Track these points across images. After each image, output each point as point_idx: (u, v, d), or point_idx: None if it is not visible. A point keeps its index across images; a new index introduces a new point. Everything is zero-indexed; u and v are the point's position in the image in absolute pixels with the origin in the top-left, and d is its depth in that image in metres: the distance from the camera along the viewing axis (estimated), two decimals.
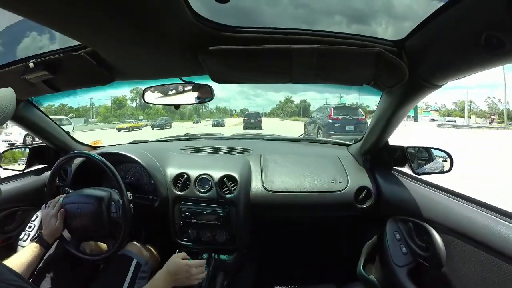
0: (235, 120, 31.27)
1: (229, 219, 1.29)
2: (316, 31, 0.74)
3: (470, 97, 57.60)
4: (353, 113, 9.81)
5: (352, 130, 9.22)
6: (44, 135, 1.44)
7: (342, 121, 9.44)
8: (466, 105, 37.41)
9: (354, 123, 9.37)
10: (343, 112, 9.73)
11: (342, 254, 1.64)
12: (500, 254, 0.76)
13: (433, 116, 42.31)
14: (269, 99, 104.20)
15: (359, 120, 9.47)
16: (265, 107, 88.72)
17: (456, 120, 40.26)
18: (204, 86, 1.05)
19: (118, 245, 1.08)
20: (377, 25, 0.93)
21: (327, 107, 10.64)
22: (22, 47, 0.93)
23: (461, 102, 52.39)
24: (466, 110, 36.89)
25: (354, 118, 9.55)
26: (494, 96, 50.07)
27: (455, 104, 55.12)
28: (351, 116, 9.58)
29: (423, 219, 1.05)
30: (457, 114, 47.72)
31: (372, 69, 0.78)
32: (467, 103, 51.18)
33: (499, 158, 8.26)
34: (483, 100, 58.35)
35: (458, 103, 53.91)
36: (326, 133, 9.22)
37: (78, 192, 1.15)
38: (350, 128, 9.28)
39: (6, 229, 1.32)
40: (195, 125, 28.13)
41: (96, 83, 1.04)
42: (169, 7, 0.60)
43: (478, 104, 52.54)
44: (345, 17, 0.99)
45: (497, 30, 0.53)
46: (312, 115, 12.18)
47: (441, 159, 1.25)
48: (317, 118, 10.41)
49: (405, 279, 1.06)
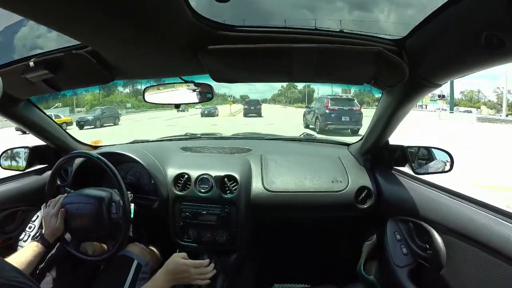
0: (231, 107, 24.47)
1: (230, 219, 1.29)
2: (317, 30, 0.74)
3: (477, 87, 55.15)
4: (349, 104, 10.53)
5: (347, 120, 10.07)
6: (45, 135, 1.44)
7: (338, 112, 10.16)
8: (505, 96, 28.94)
9: (349, 114, 10.12)
10: (340, 103, 10.45)
11: (342, 255, 1.64)
12: (501, 255, 0.76)
13: (440, 106, 34.91)
14: (270, 85, 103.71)
15: (354, 111, 10.23)
16: (266, 93, 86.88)
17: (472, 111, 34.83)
18: (204, 85, 1.05)
19: (118, 245, 1.08)
20: (380, 11, 0.93)
21: (324, 98, 11.36)
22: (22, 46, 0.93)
23: (469, 91, 50.32)
24: (504, 101, 28.36)
25: (350, 108, 10.29)
26: (498, 86, 48.60)
27: (463, 93, 52.09)
28: (347, 107, 10.31)
29: (423, 219, 1.05)
30: (466, 104, 44.97)
31: (373, 68, 0.78)
32: (476, 93, 47.88)
33: None
34: (492, 90, 56.01)
35: (466, 93, 51.17)
36: (324, 122, 10.20)
37: (78, 192, 1.15)
38: (346, 118, 10.08)
39: (6, 229, 1.32)
40: (181, 114, 19.99)
41: (96, 82, 1.04)
42: (169, 6, 0.60)
43: (486, 94, 49.76)
44: (347, 3, 0.98)
45: (497, 29, 0.53)
46: (311, 105, 13.05)
47: (442, 159, 1.24)
48: (316, 108, 11.23)
49: (406, 279, 1.06)
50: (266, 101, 57.33)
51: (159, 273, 0.99)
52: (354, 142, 1.53)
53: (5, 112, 1.20)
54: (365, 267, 1.34)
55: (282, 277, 1.66)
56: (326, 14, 0.72)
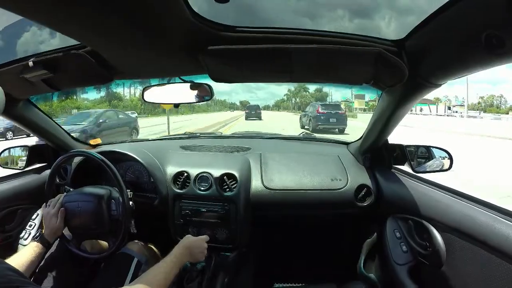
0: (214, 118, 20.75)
1: (229, 217, 1.29)
2: (316, 30, 0.74)
3: (474, 92, 52.64)
4: (335, 108, 13.42)
5: (334, 121, 12.74)
6: (44, 134, 1.44)
7: (326, 114, 12.87)
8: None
9: (336, 116, 12.85)
10: (328, 108, 13.34)
11: (342, 253, 1.65)
12: (500, 253, 0.76)
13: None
14: (271, 93, 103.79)
15: (340, 114, 13.08)
16: (268, 100, 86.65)
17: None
18: (203, 85, 1.05)
19: (119, 242, 1.09)
20: (380, 19, 0.93)
21: (316, 104, 14.45)
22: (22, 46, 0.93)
23: (489, 96, 47.38)
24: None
25: (336, 112, 13.03)
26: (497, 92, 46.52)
27: (482, 98, 48.28)
28: (334, 111, 13.02)
29: (423, 217, 1.06)
30: (492, 110, 41.08)
31: (372, 68, 0.78)
32: (497, 97, 44.24)
33: None
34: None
35: (486, 98, 47.93)
36: (315, 123, 12.78)
37: (78, 191, 1.16)
38: (333, 120, 12.74)
39: (6, 227, 1.32)
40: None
41: (95, 82, 1.04)
42: (169, 6, 0.60)
43: (508, 99, 46.85)
44: (348, 11, 0.98)
45: (497, 30, 0.53)
46: (306, 110, 16.11)
47: (441, 157, 1.25)
48: (309, 112, 14.24)
49: (405, 277, 1.06)
50: (268, 108, 55.64)
51: (175, 251, 0.97)
52: (354, 141, 1.54)
53: (5, 112, 1.20)
54: (365, 265, 1.35)
55: (282, 275, 1.67)
56: (326, 21, 0.72)
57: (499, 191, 4.47)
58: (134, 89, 31.45)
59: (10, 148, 1.54)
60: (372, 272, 1.33)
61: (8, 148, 1.54)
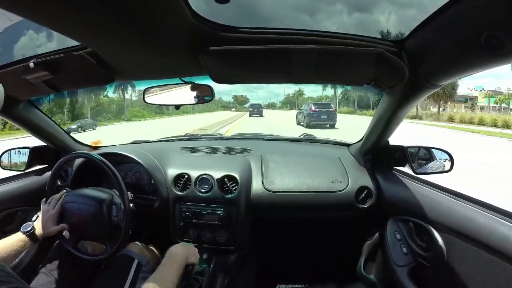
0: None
1: (230, 219, 1.29)
2: (317, 31, 0.74)
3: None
4: (326, 107, 16.16)
5: (325, 118, 15.24)
6: (45, 135, 1.44)
7: (318, 112, 15.38)
8: None
9: (327, 113, 15.45)
10: (320, 106, 16.03)
11: (343, 254, 1.64)
12: (501, 254, 0.76)
13: None
14: (272, 92, 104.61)
15: (330, 111, 15.75)
16: (267, 99, 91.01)
17: None
18: (204, 86, 1.05)
19: (117, 247, 1.08)
20: (380, 13, 0.93)
21: (310, 103, 17.13)
22: (22, 47, 0.93)
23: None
24: None
25: (327, 110, 15.73)
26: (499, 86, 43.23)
27: None
28: (325, 109, 15.73)
29: (423, 219, 1.05)
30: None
31: (373, 69, 0.78)
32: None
33: None
34: None
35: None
36: (309, 119, 15.15)
37: (79, 192, 1.15)
38: (324, 117, 15.25)
39: (6, 229, 1.32)
40: None
41: (96, 83, 1.04)
42: (169, 7, 0.60)
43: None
44: (347, 5, 0.98)
45: (497, 30, 0.53)
46: (301, 108, 18.74)
47: (442, 159, 1.24)
48: (304, 110, 16.97)
49: (406, 279, 1.06)
50: (269, 106, 62.72)
51: (166, 265, 0.93)
52: (355, 143, 1.53)
53: (5, 113, 1.20)
54: (365, 266, 1.35)
55: (282, 276, 1.66)
56: (325, 16, 0.72)
57: None
58: None
59: (11, 149, 1.54)
60: (372, 274, 1.32)
61: (9, 149, 1.54)
